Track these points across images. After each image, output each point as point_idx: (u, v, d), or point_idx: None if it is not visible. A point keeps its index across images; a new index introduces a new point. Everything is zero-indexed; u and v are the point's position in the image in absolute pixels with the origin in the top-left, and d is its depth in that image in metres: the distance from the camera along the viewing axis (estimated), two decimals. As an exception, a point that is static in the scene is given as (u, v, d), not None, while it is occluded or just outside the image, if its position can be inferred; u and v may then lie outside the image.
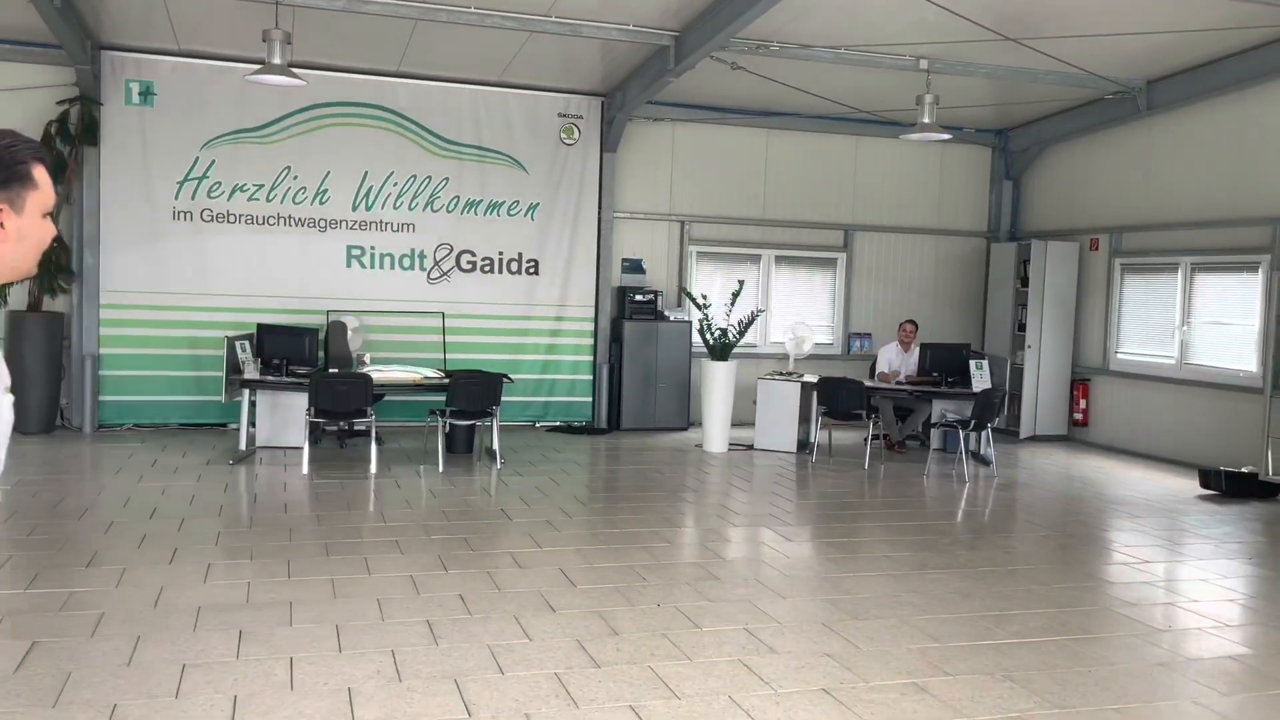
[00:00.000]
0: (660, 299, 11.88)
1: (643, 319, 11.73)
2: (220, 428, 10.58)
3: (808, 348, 11.29)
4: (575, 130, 11.70)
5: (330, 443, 9.95)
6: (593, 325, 11.90)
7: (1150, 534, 7.66)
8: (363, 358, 9.89)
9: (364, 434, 9.39)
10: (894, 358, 10.95)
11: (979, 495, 9.01)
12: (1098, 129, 11.87)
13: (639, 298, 11.75)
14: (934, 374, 10.46)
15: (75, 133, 10.01)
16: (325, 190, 10.94)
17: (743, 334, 10.66)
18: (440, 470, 8.96)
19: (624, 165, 12.06)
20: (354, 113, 10.99)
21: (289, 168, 10.80)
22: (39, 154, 1.83)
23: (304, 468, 8.65)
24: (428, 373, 9.73)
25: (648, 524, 7.31)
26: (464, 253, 11.43)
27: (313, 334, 9.64)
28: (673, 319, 11.85)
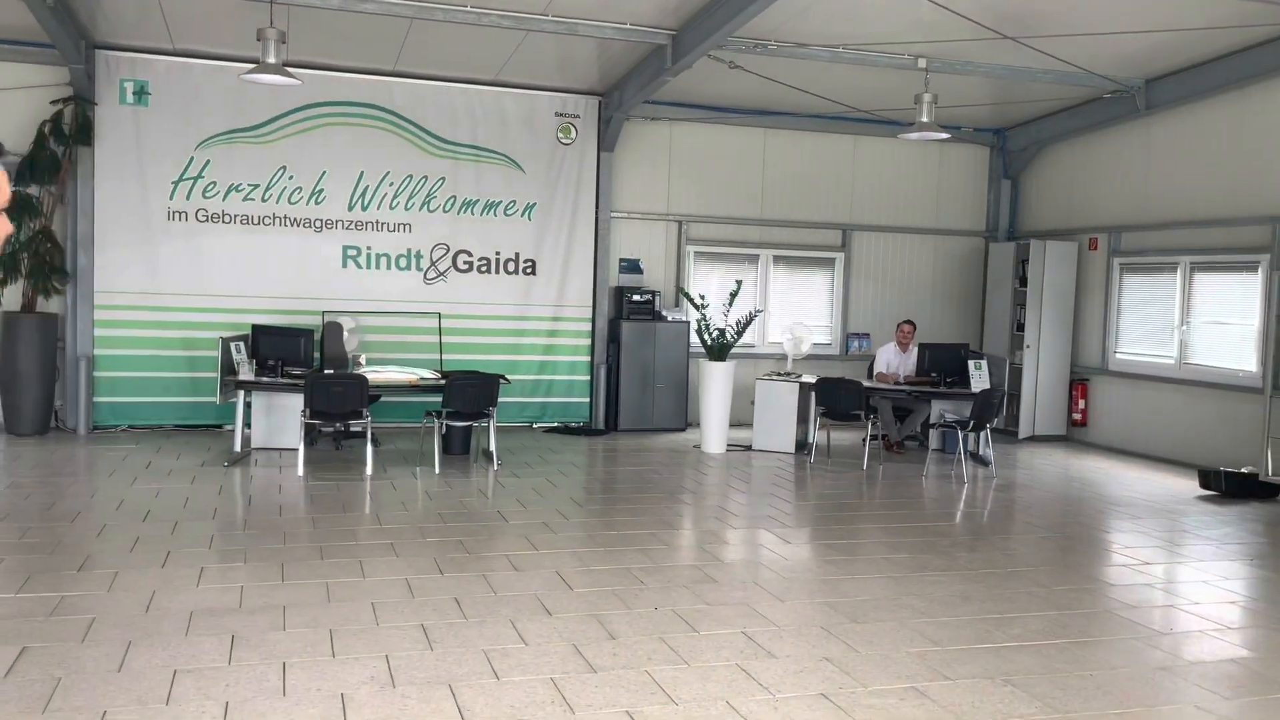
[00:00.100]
0: (658, 299, 11.84)
1: (640, 319, 11.69)
2: (215, 429, 10.54)
3: (806, 348, 11.25)
4: (572, 130, 11.65)
5: (326, 444, 9.90)
6: (590, 325, 11.85)
7: (1150, 535, 7.62)
8: (359, 358, 9.85)
9: (360, 435, 9.34)
10: (892, 358, 10.90)
11: (978, 496, 8.97)
12: (1096, 128, 11.84)
13: (636, 298, 11.71)
14: (932, 374, 10.42)
15: (69, 132, 9.97)
16: (321, 190, 10.89)
17: (741, 334, 10.63)
18: (436, 472, 8.91)
19: (621, 165, 12.01)
20: (350, 112, 10.94)
21: (284, 167, 10.75)
22: None
23: (299, 469, 8.60)
24: (424, 373, 9.69)
25: (645, 526, 7.27)
26: (460, 253, 11.38)
27: (308, 335, 9.62)
28: (670, 319, 11.81)
